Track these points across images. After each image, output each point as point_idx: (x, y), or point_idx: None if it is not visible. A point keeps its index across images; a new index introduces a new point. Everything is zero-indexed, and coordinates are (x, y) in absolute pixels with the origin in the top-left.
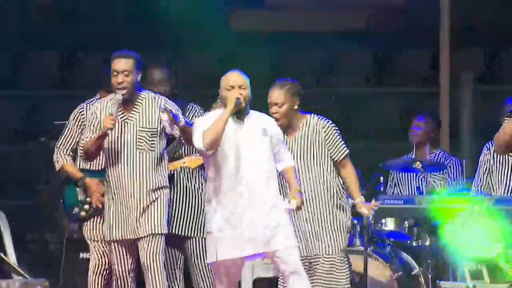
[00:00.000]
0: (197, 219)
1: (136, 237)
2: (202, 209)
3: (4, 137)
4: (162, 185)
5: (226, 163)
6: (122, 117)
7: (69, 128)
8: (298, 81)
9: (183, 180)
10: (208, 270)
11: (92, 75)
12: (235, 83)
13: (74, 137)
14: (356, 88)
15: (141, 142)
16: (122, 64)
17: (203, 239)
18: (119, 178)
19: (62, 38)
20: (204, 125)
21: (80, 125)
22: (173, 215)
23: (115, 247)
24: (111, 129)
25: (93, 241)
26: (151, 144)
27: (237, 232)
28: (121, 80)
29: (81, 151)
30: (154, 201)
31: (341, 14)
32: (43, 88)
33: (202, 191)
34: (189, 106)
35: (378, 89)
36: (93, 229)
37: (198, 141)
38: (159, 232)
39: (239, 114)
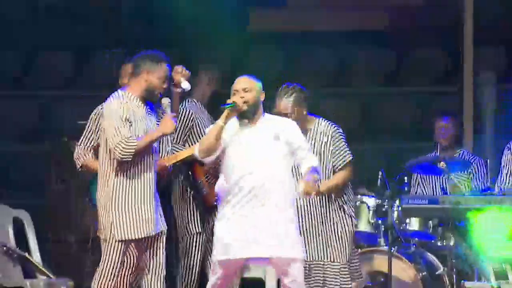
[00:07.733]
0: (187, 219)
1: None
2: (192, 209)
3: (16, 137)
4: None
5: (234, 166)
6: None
7: (89, 126)
8: (312, 81)
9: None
10: (193, 267)
11: (100, 74)
12: (239, 87)
13: (94, 135)
14: (374, 88)
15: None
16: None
17: (191, 238)
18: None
19: (70, 38)
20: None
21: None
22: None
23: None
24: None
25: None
26: None
27: (241, 233)
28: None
29: (131, 151)
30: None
31: (361, 14)
32: (54, 88)
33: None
34: None
35: (396, 89)
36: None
37: (196, 148)
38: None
39: (245, 117)
